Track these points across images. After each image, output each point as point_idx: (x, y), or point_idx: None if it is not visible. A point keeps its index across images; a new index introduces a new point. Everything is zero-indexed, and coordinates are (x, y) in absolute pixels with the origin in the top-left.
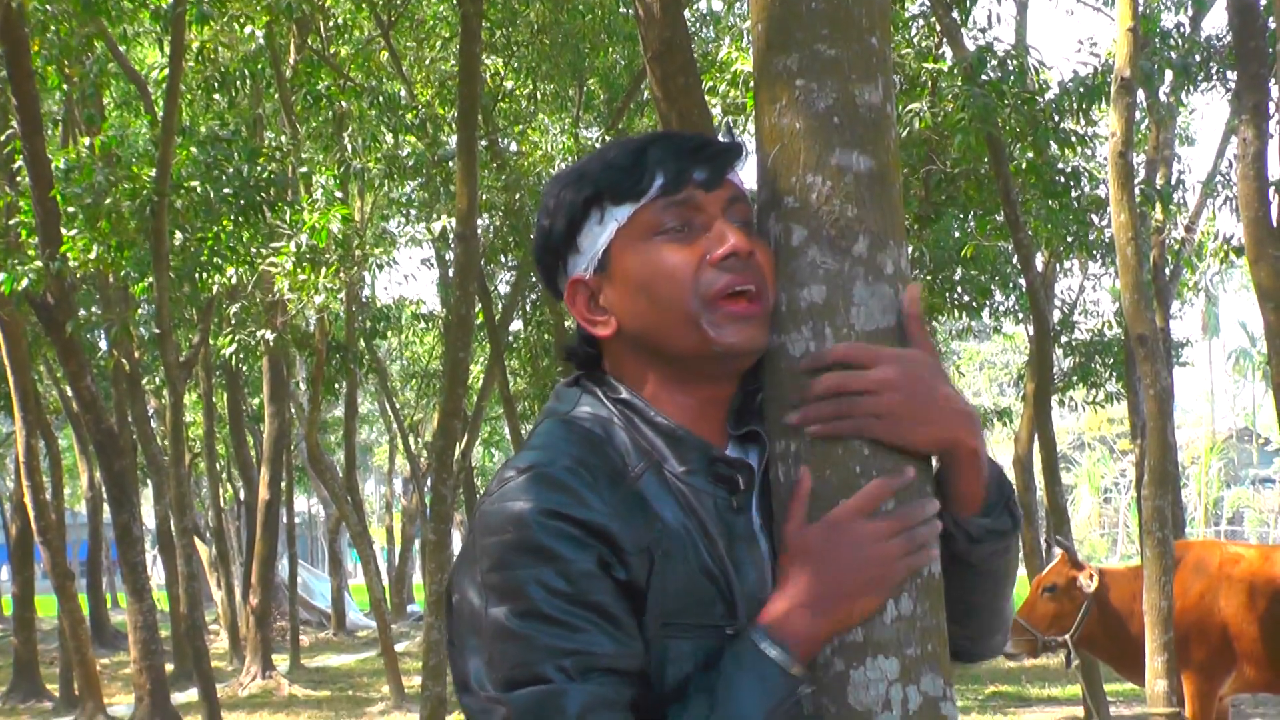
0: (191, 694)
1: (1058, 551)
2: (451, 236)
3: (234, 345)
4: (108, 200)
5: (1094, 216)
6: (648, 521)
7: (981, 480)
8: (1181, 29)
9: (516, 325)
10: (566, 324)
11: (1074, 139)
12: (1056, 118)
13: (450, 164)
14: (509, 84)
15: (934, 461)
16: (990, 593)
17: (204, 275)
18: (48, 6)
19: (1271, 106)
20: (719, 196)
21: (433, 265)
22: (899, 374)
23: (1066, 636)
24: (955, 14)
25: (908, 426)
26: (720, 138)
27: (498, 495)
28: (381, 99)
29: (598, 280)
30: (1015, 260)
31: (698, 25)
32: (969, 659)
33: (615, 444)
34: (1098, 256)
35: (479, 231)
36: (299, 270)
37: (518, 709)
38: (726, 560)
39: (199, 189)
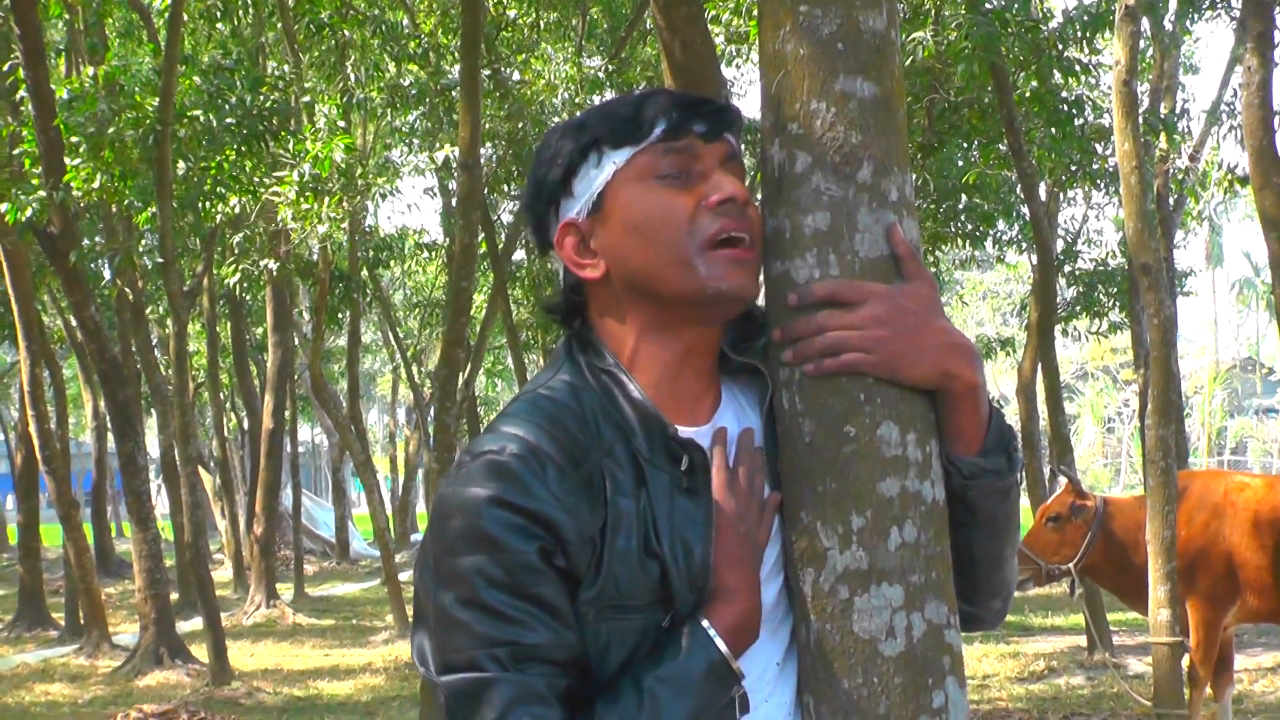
0: (196, 623)
1: (1062, 481)
2: (454, 166)
3: (237, 274)
4: (111, 130)
5: (1098, 145)
6: (595, 509)
7: (979, 418)
8: None
9: (519, 255)
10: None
11: (1078, 67)
12: (1060, 46)
13: (453, 93)
14: (512, 13)
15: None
16: (989, 544)
17: (207, 205)
18: None
19: (1276, 35)
20: (717, 150)
21: (435, 195)
22: (888, 309)
23: (1070, 565)
24: None
25: (899, 362)
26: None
27: (453, 480)
28: (384, 28)
29: (589, 223)
30: (1019, 189)
31: None
32: (968, 625)
33: (586, 415)
34: (1101, 186)
35: (482, 161)
36: (302, 200)
37: (450, 693)
38: (676, 541)
39: (202, 118)
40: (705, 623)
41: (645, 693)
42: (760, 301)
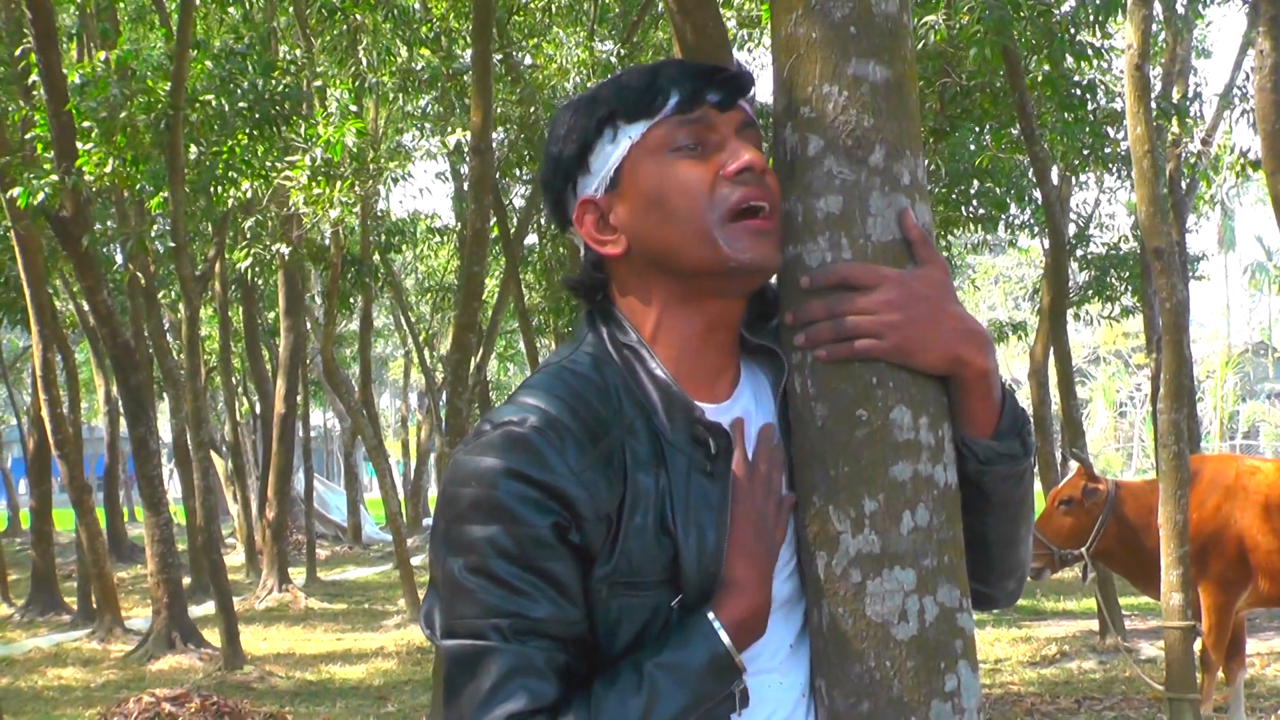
0: (208, 607)
1: (1074, 465)
2: (466, 150)
3: (249, 259)
4: (123, 114)
5: (1110, 129)
6: (613, 485)
7: (992, 402)
8: None
9: (531, 239)
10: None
11: (1090, 51)
12: (1073, 30)
13: (465, 77)
14: None
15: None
16: (1003, 526)
17: (219, 189)
18: None
19: None
20: (732, 118)
21: (448, 179)
22: (900, 294)
23: (1082, 550)
24: None
25: (911, 347)
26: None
27: (470, 448)
28: (396, 12)
29: (608, 199)
30: (1031, 174)
31: None
32: (982, 605)
33: (609, 388)
34: (1113, 170)
35: (494, 145)
36: (314, 184)
37: (451, 658)
38: (690, 522)
39: (214, 103)
40: (711, 615)
41: (645, 677)
42: (772, 281)
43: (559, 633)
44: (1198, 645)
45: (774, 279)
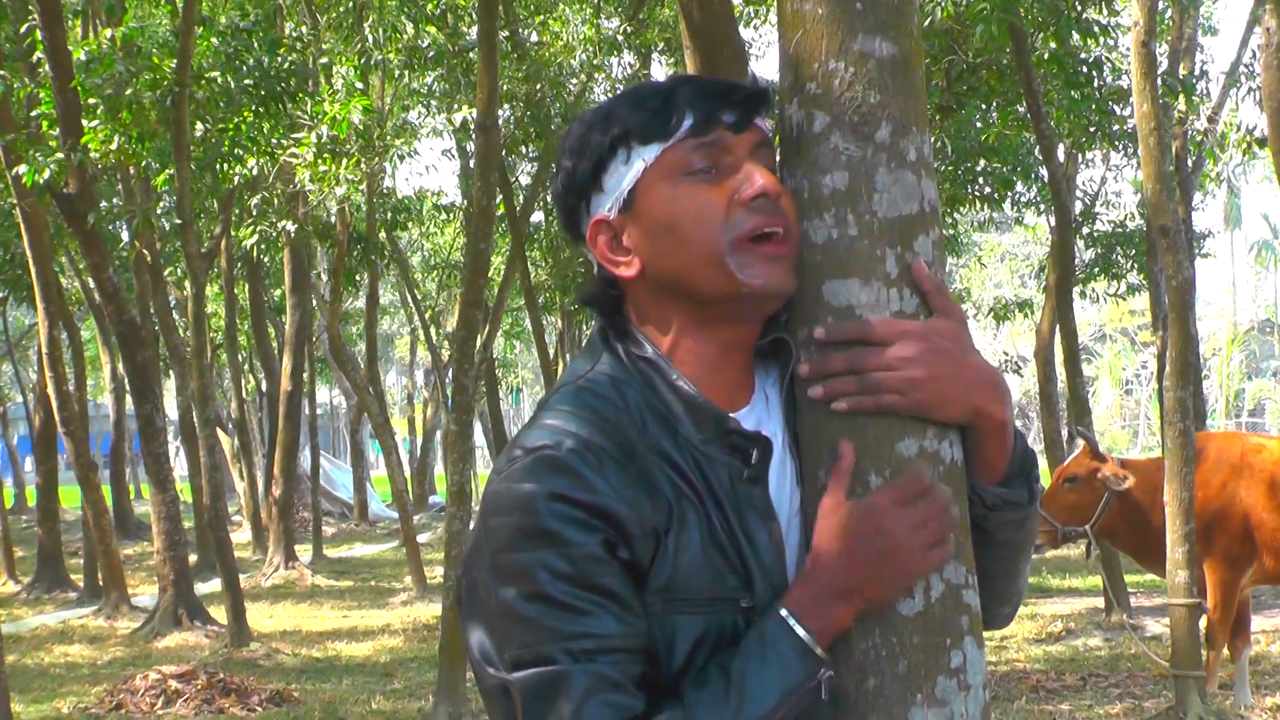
0: (215, 584)
1: (1080, 443)
2: (472, 127)
3: (255, 236)
4: (128, 91)
5: (1116, 107)
6: (655, 500)
7: (1006, 452)
8: None
9: (538, 217)
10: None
11: (1096, 29)
12: (1079, 7)
13: (471, 54)
14: None
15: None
16: (1004, 562)
17: (225, 166)
18: None
19: None
20: (747, 139)
21: (454, 156)
22: (920, 349)
23: (1086, 527)
24: None
25: (933, 401)
26: (747, 84)
27: (505, 475)
28: None
29: (621, 220)
30: (1037, 151)
31: None
32: None
33: (630, 408)
34: (1120, 147)
35: (500, 122)
36: (320, 161)
37: (524, 689)
38: (739, 532)
39: (219, 80)
40: (784, 611)
41: (733, 676)
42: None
43: (629, 645)
44: (1203, 622)
45: None
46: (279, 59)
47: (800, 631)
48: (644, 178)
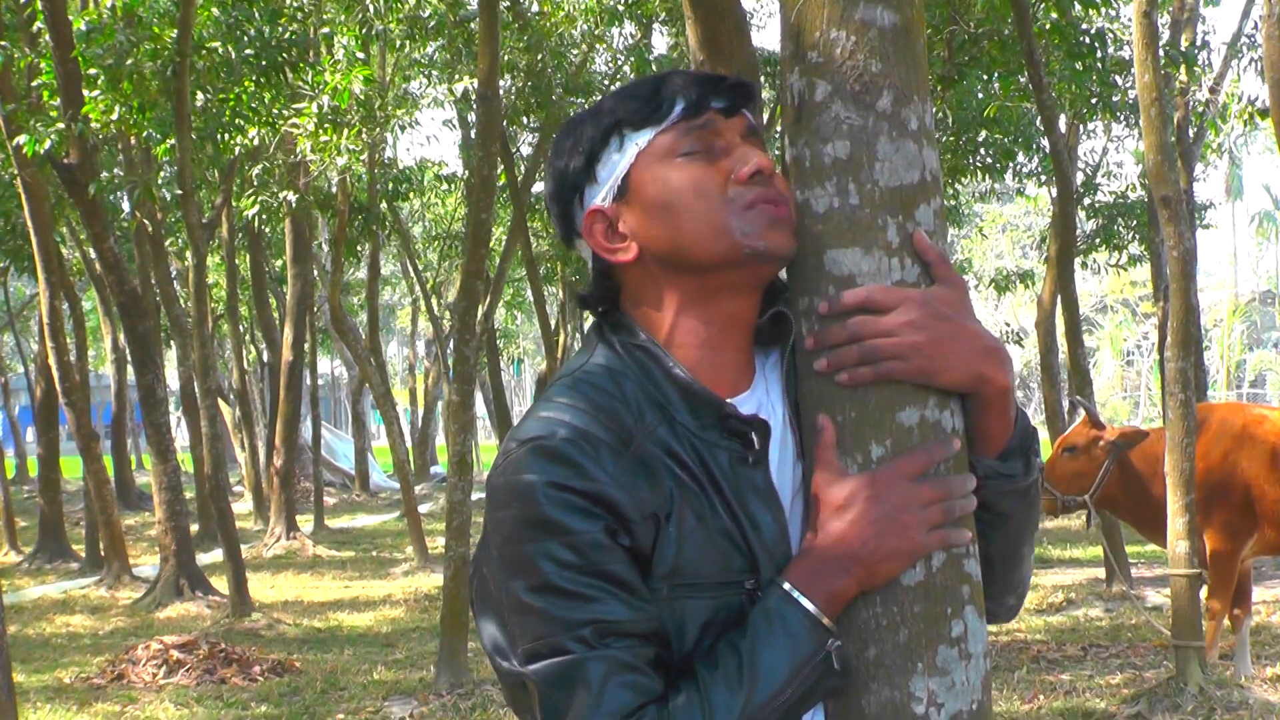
0: (216, 554)
1: (1080, 413)
2: (473, 98)
3: (256, 207)
4: (129, 61)
5: (1118, 78)
6: (654, 486)
7: (1007, 421)
8: None
9: (539, 187)
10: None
11: None
12: None
13: (472, 25)
14: None
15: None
16: (1005, 542)
17: (226, 136)
18: None
19: None
20: (737, 124)
21: (455, 127)
22: (922, 314)
23: (1086, 497)
24: None
25: (934, 367)
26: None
27: (503, 469)
28: None
29: (616, 208)
30: (1038, 122)
31: None
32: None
33: (627, 398)
34: (1121, 118)
35: (501, 93)
36: (321, 131)
37: (541, 680)
38: (742, 515)
39: (220, 50)
40: (786, 585)
41: (743, 653)
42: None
43: (640, 629)
44: (1204, 593)
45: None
46: (280, 29)
47: (805, 603)
48: (638, 162)
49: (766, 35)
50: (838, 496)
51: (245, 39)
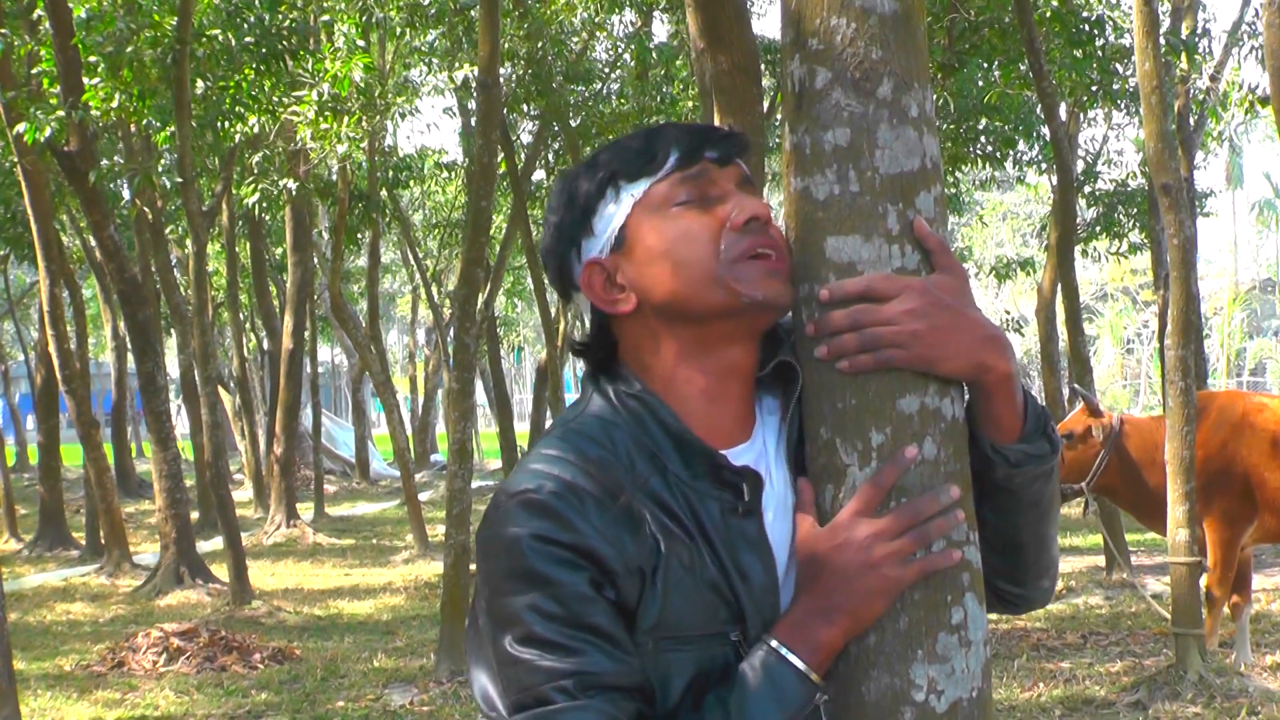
0: (216, 542)
1: (1081, 401)
2: (474, 85)
3: (257, 194)
4: (129, 49)
5: (1118, 66)
6: (639, 540)
7: (1016, 405)
8: None
9: (539, 175)
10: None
11: None
12: None
13: (472, 12)
14: None
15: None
16: (1034, 526)
17: (226, 124)
18: None
19: None
20: (731, 173)
21: (455, 114)
22: (923, 302)
23: (1083, 484)
24: None
25: (935, 355)
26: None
27: (492, 521)
28: None
29: (614, 259)
30: (1039, 110)
31: None
32: (1019, 607)
33: (618, 449)
34: (1122, 106)
35: (501, 80)
36: (321, 119)
37: None
38: (730, 566)
39: (220, 37)
40: (774, 641)
41: (731, 710)
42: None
43: (623, 682)
44: (1203, 580)
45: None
46: (280, 16)
47: (792, 658)
48: (634, 213)
49: (767, 23)
50: (807, 547)
51: (245, 26)
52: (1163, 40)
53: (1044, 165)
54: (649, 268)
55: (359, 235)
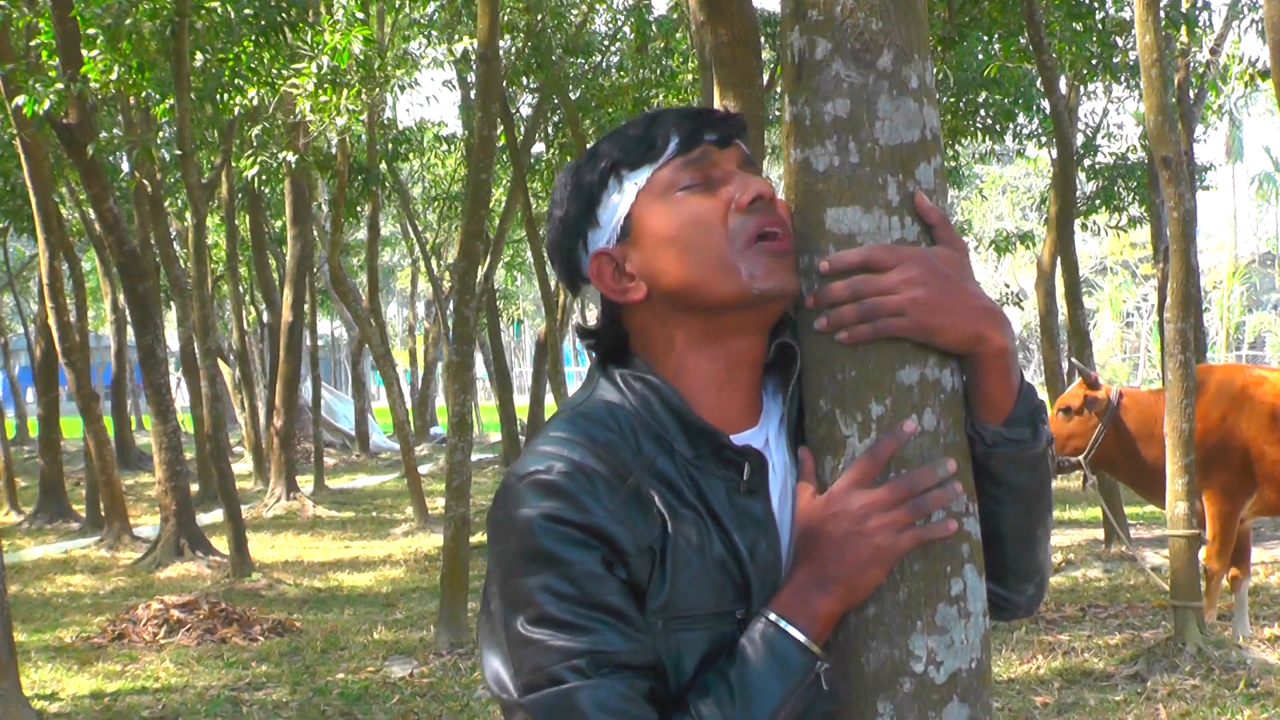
0: (216, 515)
1: (1079, 375)
2: (473, 58)
3: (256, 167)
4: (128, 21)
5: (1118, 39)
6: (649, 520)
7: (1009, 385)
8: None
9: (539, 148)
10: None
11: None
12: None
13: None
14: None
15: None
16: (1017, 519)
17: (225, 96)
18: None
19: None
20: (732, 154)
21: (454, 87)
22: (921, 271)
23: (1080, 458)
24: None
25: (933, 324)
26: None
27: (502, 504)
28: None
29: (621, 249)
30: (1039, 83)
31: None
32: (1001, 611)
33: (624, 432)
34: (1122, 79)
35: (500, 53)
36: (320, 92)
37: (536, 710)
38: (740, 544)
39: (219, 9)
40: (772, 614)
41: (733, 683)
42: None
43: (636, 661)
44: (1202, 554)
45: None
46: None
47: (790, 629)
48: (638, 201)
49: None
50: (803, 517)
51: None
52: (1163, 13)
53: (1044, 138)
54: (657, 253)
55: (358, 208)
